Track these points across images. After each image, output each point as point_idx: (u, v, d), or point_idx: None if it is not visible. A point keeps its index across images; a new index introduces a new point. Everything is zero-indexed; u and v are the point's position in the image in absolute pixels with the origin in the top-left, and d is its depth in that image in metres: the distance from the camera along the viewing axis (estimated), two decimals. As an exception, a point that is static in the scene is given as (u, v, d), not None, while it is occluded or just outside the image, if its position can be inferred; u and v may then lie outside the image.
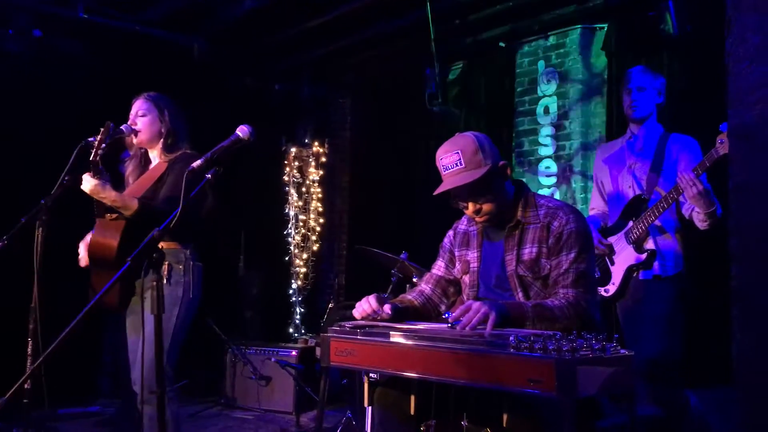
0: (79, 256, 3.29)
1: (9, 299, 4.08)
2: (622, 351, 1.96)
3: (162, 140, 3.34)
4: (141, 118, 3.31)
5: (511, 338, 1.89)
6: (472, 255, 2.71)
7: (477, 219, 2.63)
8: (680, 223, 3.67)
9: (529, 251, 2.54)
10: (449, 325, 2.29)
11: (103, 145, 3.05)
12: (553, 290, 2.48)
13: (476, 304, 2.25)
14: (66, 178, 3.15)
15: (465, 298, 2.74)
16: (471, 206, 2.57)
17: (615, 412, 2.30)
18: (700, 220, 3.45)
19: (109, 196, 3.00)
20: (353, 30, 6.15)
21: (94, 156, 3.01)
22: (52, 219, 3.19)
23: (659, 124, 3.79)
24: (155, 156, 3.38)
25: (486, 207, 2.56)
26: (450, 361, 2.02)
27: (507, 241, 2.59)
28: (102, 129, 3.04)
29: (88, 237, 3.22)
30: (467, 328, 2.18)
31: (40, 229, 3.18)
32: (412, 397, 2.38)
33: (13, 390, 2.03)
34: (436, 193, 2.56)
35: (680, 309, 3.60)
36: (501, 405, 2.10)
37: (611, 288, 3.70)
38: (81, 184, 3.02)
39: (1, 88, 5.24)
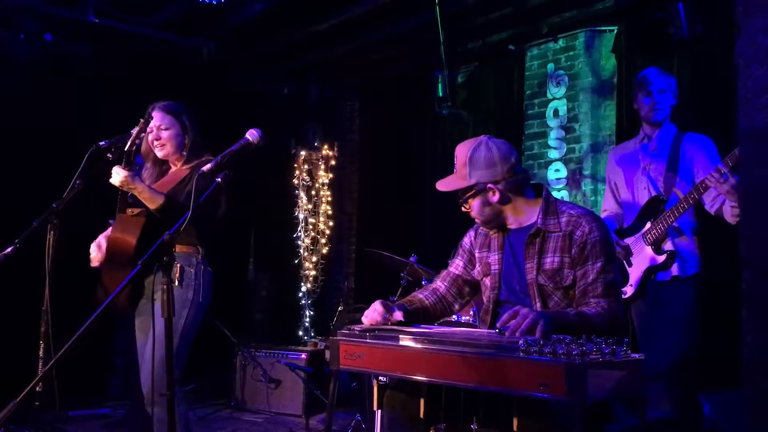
0: (91, 256, 3.28)
1: (21, 302, 4.10)
2: (633, 355, 1.95)
3: (186, 151, 3.35)
4: (165, 131, 3.31)
5: (520, 342, 1.89)
6: (494, 258, 2.70)
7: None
8: (697, 223, 3.65)
9: (551, 260, 2.52)
10: (497, 330, 2.24)
11: (143, 134, 3.08)
12: (584, 300, 2.47)
13: (524, 310, 2.21)
14: (77, 182, 3.16)
15: (485, 300, 2.73)
16: (463, 207, 2.67)
17: (626, 416, 2.29)
18: (734, 215, 3.35)
19: (138, 187, 3.02)
20: (361, 32, 6.15)
21: (130, 146, 3.04)
22: (63, 222, 3.20)
23: (672, 125, 3.77)
24: (176, 164, 3.40)
25: (472, 213, 2.65)
26: (459, 364, 2.02)
27: (527, 249, 2.57)
28: (141, 120, 3.08)
29: (101, 238, 3.24)
30: (517, 333, 2.13)
31: (52, 232, 3.19)
32: (422, 401, 2.38)
33: (24, 393, 2.04)
34: (436, 185, 2.67)
35: (697, 311, 3.58)
36: (511, 409, 2.09)
37: (628, 290, 3.68)
38: (110, 178, 3.02)
39: (12, 92, 5.27)
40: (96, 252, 3.24)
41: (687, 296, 3.57)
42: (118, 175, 3.00)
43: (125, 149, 3.04)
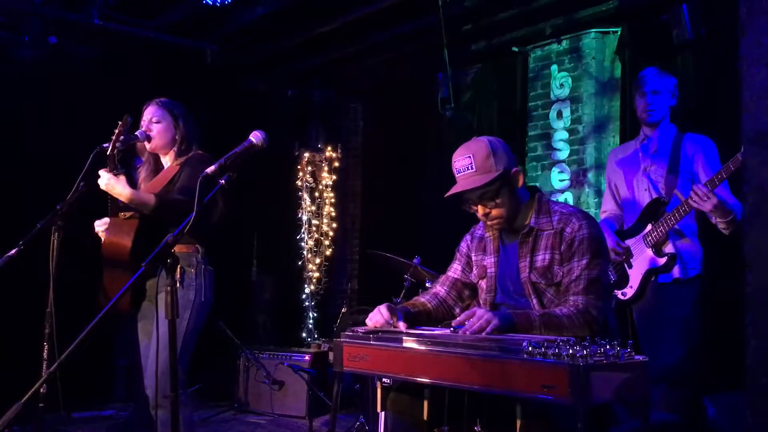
0: (97, 230, 3.20)
1: (25, 304, 4.10)
2: (637, 357, 1.94)
3: (176, 146, 3.35)
4: (155, 124, 3.31)
5: (524, 344, 1.88)
6: (489, 260, 2.72)
7: (488, 223, 2.65)
8: (699, 225, 3.64)
9: (542, 258, 2.54)
10: (451, 329, 2.30)
11: (122, 137, 3.05)
12: (564, 297, 2.48)
13: (480, 311, 2.29)
14: (81, 184, 3.16)
15: (482, 302, 2.73)
16: (481, 209, 2.59)
17: (629, 418, 2.29)
18: (722, 228, 3.46)
19: (123, 192, 2.97)
20: (364, 35, 6.16)
21: (112, 150, 3.01)
22: (67, 224, 3.20)
23: (672, 125, 3.76)
24: (167, 161, 3.39)
25: (495, 212, 2.57)
26: (463, 366, 2.01)
27: (521, 248, 2.59)
28: (120, 122, 3.04)
29: (106, 219, 3.19)
30: (467, 333, 2.22)
31: (56, 234, 3.19)
32: (425, 403, 2.38)
33: (29, 394, 2.04)
34: (447, 195, 2.58)
35: (699, 312, 3.56)
36: (514, 411, 2.09)
37: (629, 291, 3.67)
38: (98, 182, 3.00)
39: (16, 94, 5.28)
40: (101, 228, 3.18)
41: (688, 298, 3.56)
42: (104, 179, 2.98)
43: (107, 153, 3.00)
